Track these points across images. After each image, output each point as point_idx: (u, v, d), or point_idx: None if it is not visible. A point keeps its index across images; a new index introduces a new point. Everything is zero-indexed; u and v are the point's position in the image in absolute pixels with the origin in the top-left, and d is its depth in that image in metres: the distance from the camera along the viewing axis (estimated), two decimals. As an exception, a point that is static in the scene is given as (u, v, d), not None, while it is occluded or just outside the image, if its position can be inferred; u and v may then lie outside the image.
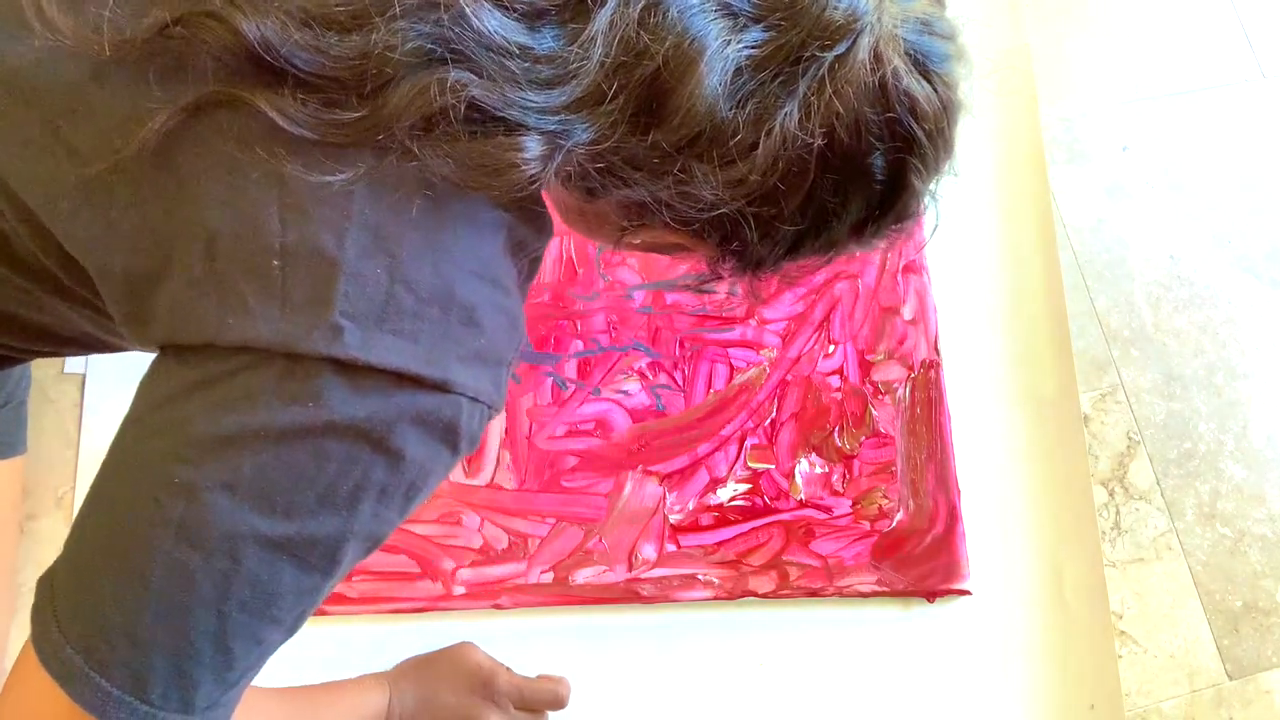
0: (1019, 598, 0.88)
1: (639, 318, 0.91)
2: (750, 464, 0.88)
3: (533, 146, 0.46)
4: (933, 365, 0.92)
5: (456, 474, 0.85)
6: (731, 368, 0.91)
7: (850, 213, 0.52)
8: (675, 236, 0.53)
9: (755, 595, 0.85)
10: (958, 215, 0.98)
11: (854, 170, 0.50)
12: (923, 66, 0.50)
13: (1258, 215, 1.05)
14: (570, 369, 0.89)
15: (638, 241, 0.56)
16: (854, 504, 0.88)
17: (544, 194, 0.56)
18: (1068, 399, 0.93)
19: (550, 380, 0.89)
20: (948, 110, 0.52)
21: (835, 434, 0.90)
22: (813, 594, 0.85)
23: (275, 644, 0.49)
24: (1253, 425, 0.98)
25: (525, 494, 0.86)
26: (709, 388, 0.90)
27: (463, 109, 0.45)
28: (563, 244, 0.92)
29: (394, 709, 0.73)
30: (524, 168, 0.46)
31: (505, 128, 0.46)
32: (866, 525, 0.87)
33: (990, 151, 1.00)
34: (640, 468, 0.87)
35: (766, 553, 0.86)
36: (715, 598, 0.85)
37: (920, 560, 0.87)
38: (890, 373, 0.92)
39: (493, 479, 0.86)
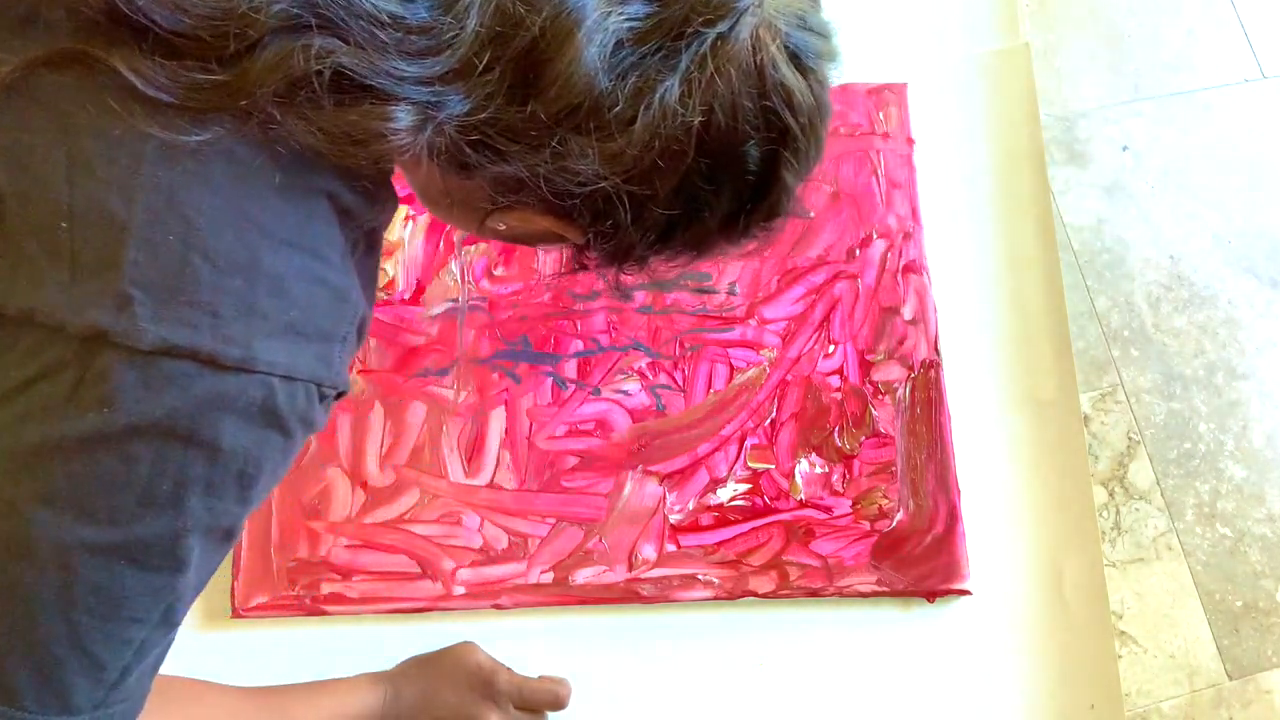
0: (1019, 598, 0.88)
1: (639, 318, 0.91)
2: (750, 464, 0.88)
3: (403, 117, 0.45)
4: (933, 365, 0.92)
5: (456, 474, 0.85)
6: (731, 368, 0.91)
7: (722, 203, 0.52)
8: (544, 219, 0.52)
9: (755, 595, 0.85)
10: (958, 215, 0.98)
11: (729, 157, 0.49)
12: (799, 60, 0.50)
13: (1258, 215, 1.05)
14: (570, 369, 0.89)
15: (503, 227, 0.54)
16: (854, 504, 0.88)
17: (404, 173, 0.55)
18: (1068, 399, 0.93)
19: (550, 380, 0.89)
20: (820, 109, 0.52)
21: (835, 434, 0.90)
22: (813, 594, 0.85)
23: (156, 639, 0.48)
24: (1253, 425, 0.98)
25: (525, 494, 0.86)
26: (709, 388, 0.90)
27: (327, 76, 0.43)
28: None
29: (390, 708, 0.73)
30: (392, 138, 0.45)
31: (373, 97, 0.45)
32: (866, 525, 0.87)
33: (990, 151, 1.00)
34: (640, 468, 0.87)
35: (766, 553, 0.86)
36: (715, 598, 0.85)
37: (920, 560, 0.87)
38: (890, 373, 0.92)
39: (493, 479, 0.86)
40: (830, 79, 0.53)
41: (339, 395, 0.52)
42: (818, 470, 0.89)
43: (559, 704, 0.78)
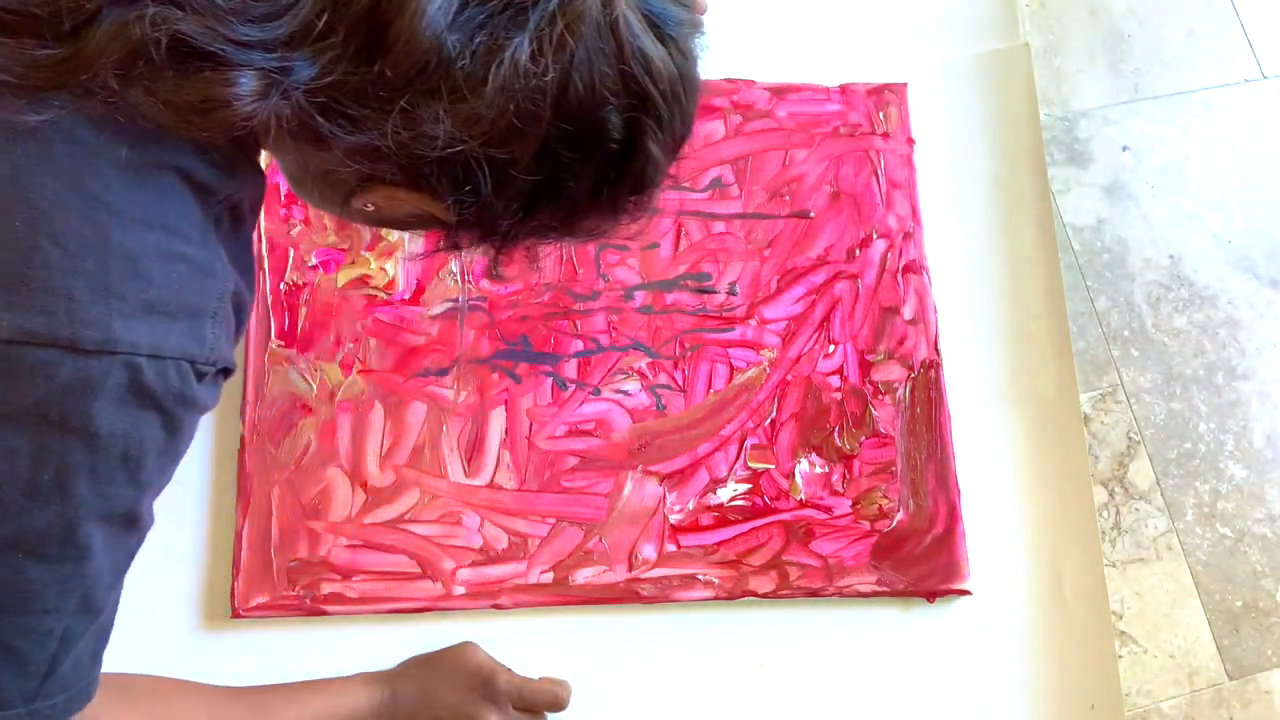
0: (1019, 598, 0.88)
1: (639, 318, 0.91)
2: (750, 464, 0.88)
3: (246, 83, 0.44)
4: (933, 365, 0.92)
5: (456, 474, 0.85)
6: (731, 368, 0.91)
7: (586, 172, 0.51)
8: (408, 196, 0.51)
9: (755, 595, 0.85)
10: (958, 215, 0.98)
11: (588, 122, 0.49)
12: (658, 28, 0.50)
13: (1258, 215, 1.05)
14: (570, 369, 0.89)
15: (369, 208, 0.54)
16: (854, 504, 0.88)
17: (273, 157, 0.54)
18: (1068, 399, 0.93)
19: (550, 380, 0.89)
20: (685, 79, 0.52)
21: (835, 434, 0.90)
22: (813, 594, 0.85)
23: (80, 628, 0.48)
24: (1253, 425, 0.98)
25: (525, 494, 0.86)
26: (709, 388, 0.90)
27: (165, 43, 0.43)
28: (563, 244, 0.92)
29: (387, 708, 0.73)
30: (236, 105, 0.44)
31: (216, 64, 0.44)
32: (866, 525, 0.87)
33: (990, 151, 1.00)
34: (640, 468, 0.87)
35: (766, 553, 0.86)
36: (715, 598, 0.85)
37: (920, 560, 0.87)
38: (890, 373, 0.92)
39: (493, 479, 0.86)
40: (697, 54, 0.53)
41: (225, 373, 0.51)
42: (818, 470, 0.89)
43: (559, 705, 0.78)
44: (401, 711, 0.74)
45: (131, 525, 0.49)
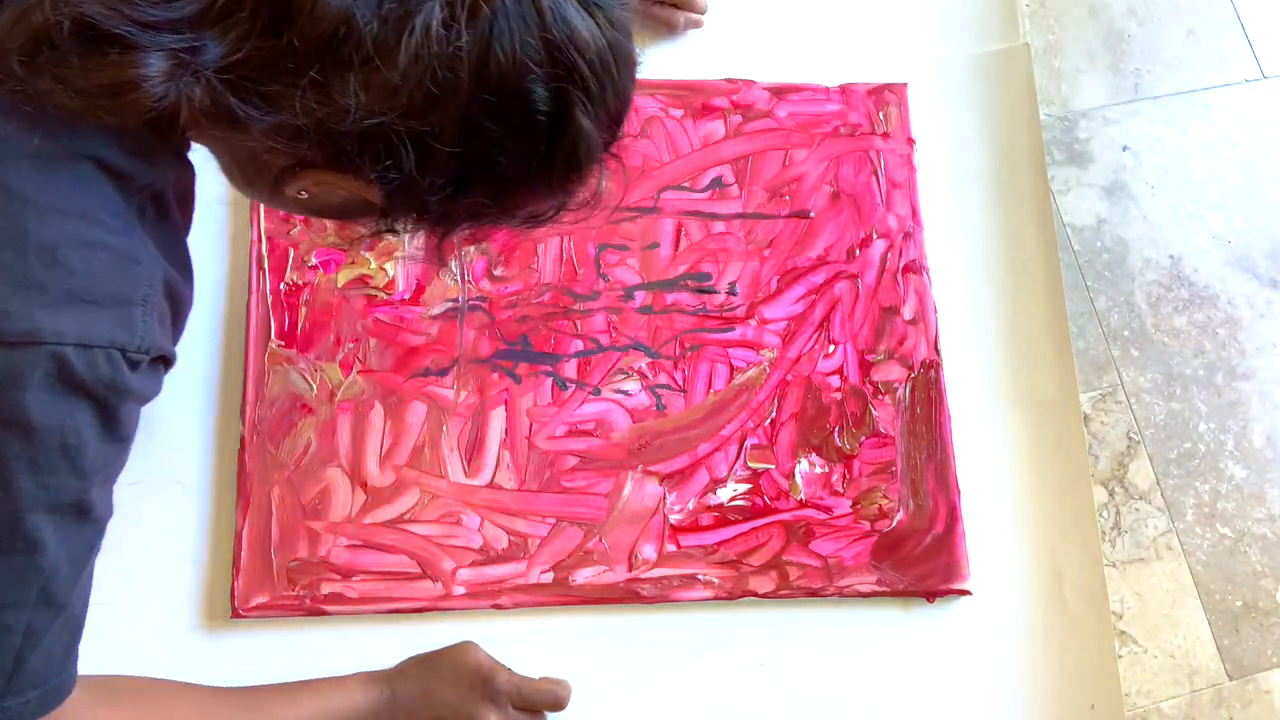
0: (1019, 598, 0.88)
1: (639, 318, 0.91)
2: (750, 464, 0.88)
3: (154, 64, 0.43)
4: (933, 365, 0.92)
5: (456, 474, 0.85)
6: (731, 368, 0.91)
7: (515, 146, 0.50)
8: (335, 178, 0.51)
9: (755, 595, 0.85)
10: (958, 215, 0.98)
11: (512, 93, 0.48)
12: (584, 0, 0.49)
13: (1258, 215, 1.05)
14: (570, 369, 0.89)
15: (302, 195, 0.53)
16: (854, 504, 0.88)
17: (208, 148, 0.54)
18: (1068, 399, 0.93)
19: (550, 380, 0.89)
20: (615, 50, 0.51)
21: (835, 434, 0.90)
22: (813, 594, 0.85)
23: (43, 622, 0.48)
24: (1253, 425, 0.98)
25: (525, 494, 0.86)
26: (709, 388, 0.90)
27: (69, 27, 0.42)
28: (562, 244, 0.92)
29: (386, 707, 0.73)
30: (146, 87, 0.43)
31: (122, 47, 0.43)
32: (866, 525, 0.87)
33: (990, 151, 1.00)
34: (640, 468, 0.87)
35: (766, 553, 0.86)
36: (715, 598, 0.85)
37: (920, 560, 0.87)
38: (890, 373, 0.92)
39: (493, 479, 0.86)
40: (629, 26, 0.52)
41: (165, 363, 0.51)
42: (818, 470, 0.89)
43: (559, 705, 0.78)
44: (401, 711, 0.74)
45: (83, 516, 0.49)
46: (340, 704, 0.72)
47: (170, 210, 0.53)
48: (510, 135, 0.49)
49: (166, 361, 0.52)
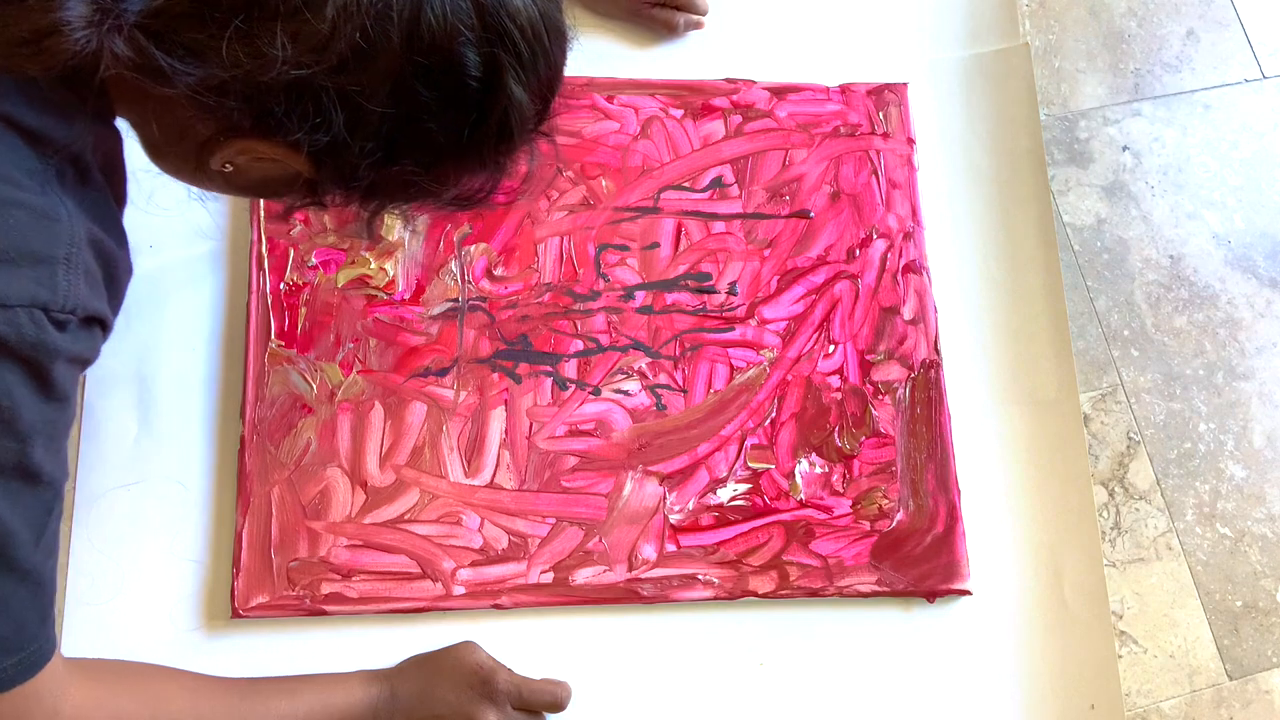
0: (1019, 598, 0.88)
1: (639, 318, 0.91)
2: (750, 464, 0.88)
3: (74, 8, 0.43)
4: (933, 365, 0.92)
5: (457, 474, 0.85)
6: (731, 368, 0.91)
7: (446, 113, 0.49)
8: (263, 146, 0.50)
9: (755, 595, 0.85)
10: (958, 215, 0.98)
11: (444, 56, 0.47)
12: None
13: (1258, 215, 1.05)
14: (570, 369, 0.89)
15: (228, 169, 0.52)
16: (854, 504, 0.88)
17: (129, 122, 0.53)
18: (1068, 399, 0.93)
19: (550, 380, 0.89)
20: (547, 20, 0.51)
21: (835, 434, 0.90)
22: (813, 594, 0.85)
23: (7, 590, 0.48)
24: (1253, 425, 0.98)
25: (525, 494, 0.86)
26: (709, 388, 0.90)
27: None
28: (563, 244, 0.92)
29: (385, 706, 0.73)
30: (66, 32, 0.43)
31: None
32: (867, 525, 0.87)
33: (990, 151, 1.00)
34: (640, 468, 0.87)
35: (766, 553, 0.86)
36: (715, 598, 0.85)
37: (920, 560, 0.87)
38: (890, 373, 0.92)
39: (493, 479, 0.86)
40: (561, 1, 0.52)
41: (99, 324, 0.50)
42: (818, 470, 0.89)
43: (558, 706, 0.78)
44: (400, 709, 0.74)
45: (30, 479, 0.48)
46: (340, 700, 0.71)
47: (91, 174, 0.52)
48: (441, 100, 0.49)
49: (103, 324, 0.51)
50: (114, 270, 0.53)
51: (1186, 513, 0.95)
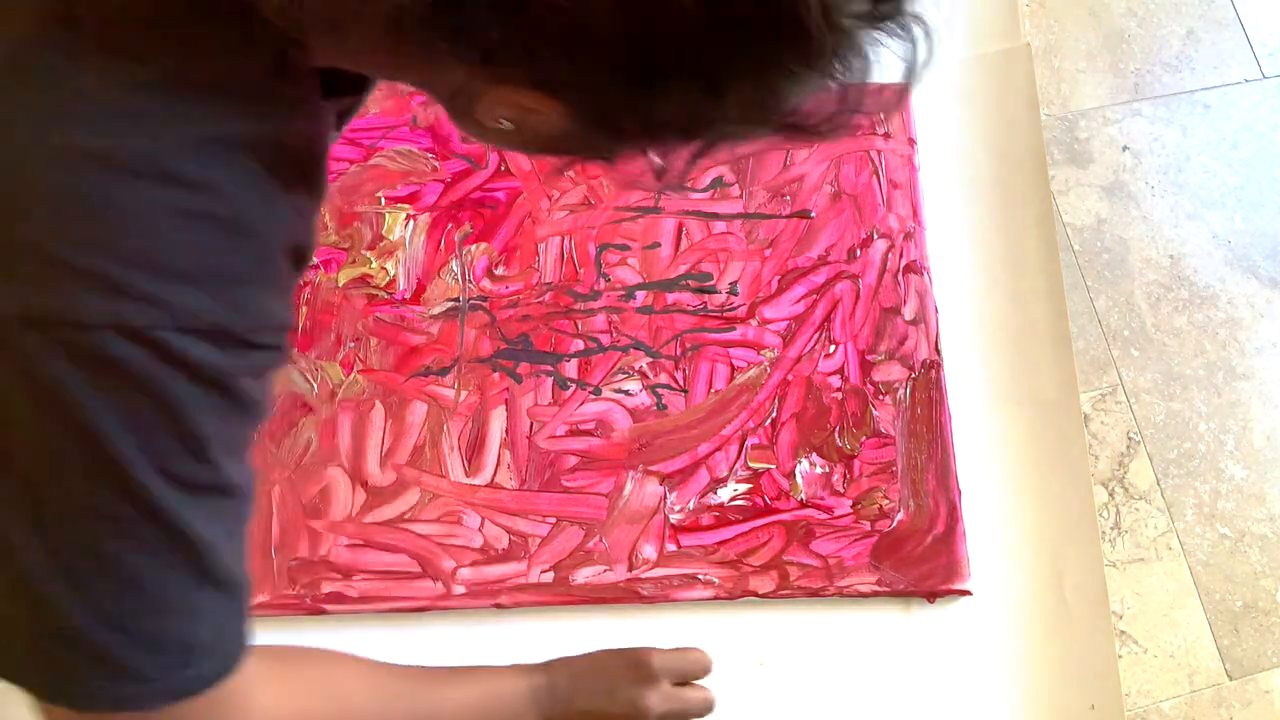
0: (1019, 598, 0.88)
1: (640, 317, 0.91)
2: (750, 464, 0.88)
3: None
4: (933, 365, 0.92)
5: (457, 473, 0.85)
6: (732, 368, 0.91)
7: (713, 12, 0.37)
8: (531, 99, 0.43)
9: (755, 595, 0.85)
10: (959, 215, 0.98)
11: None
12: None
13: (1258, 215, 1.05)
14: (571, 369, 0.89)
15: (504, 125, 0.45)
16: (854, 504, 0.88)
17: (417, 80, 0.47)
18: (1068, 399, 0.93)
19: (551, 380, 0.89)
20: None
21: (836, 434, 0.90)
22: (813, 594, 0.85)
23: (205, 599, 0.47)
24: (1253, 425, 0.98)
25: (525, 494, 0.86)
26: (709, 388, 0.90)
27: None
28: (563, 244, 0.92)
29: (543, 694, 0.70)
30: None
31: None
32: (867, 525, 0.87)
33: (990, 151, 1.00)
34: (640, 467, 0.87)
35: (767, 553, 0.86)
36: (715, 598, 0.85)
37: (921, 560, 0.87)
38: (891, 373, 0.92)
39: (493, 479, 0.86)
40: None
41: (283, 330, 0.46)
42: (818, 470, 0.89)
43: (708, 670, 0.75)
44: (559, 698, 0.71)
45: (223, 493, 0.46)
46: (504, 689, 0.69)
47: (293, 169, 0.46)
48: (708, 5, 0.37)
49: (286, 328, 0.47)
50: (302, 270, 0.49)
51: (1186, 513, 0.95)
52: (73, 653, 0.44)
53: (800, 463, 0.89)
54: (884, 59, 0.46)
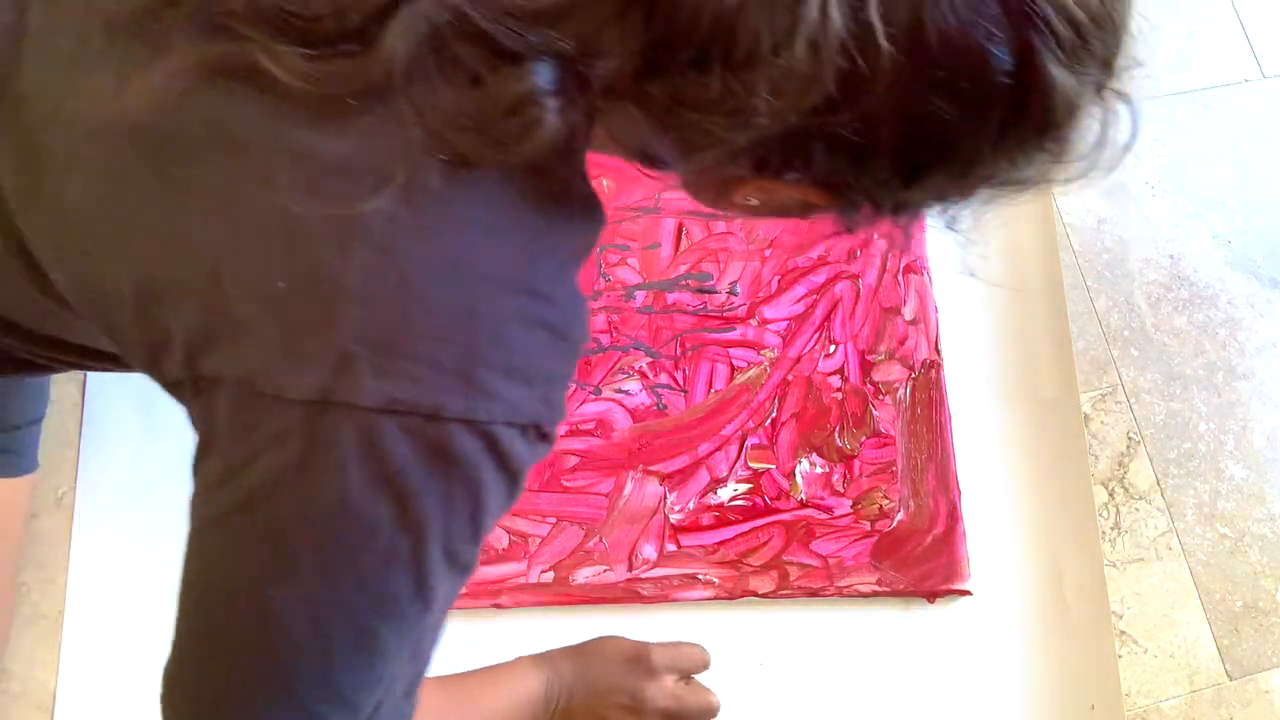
0: (1019, 598, 0.88)
1: (639, 318, 0.91)
2: (751, 464, 0.88)
3: (544, 73, 0.39)
4: (933, 365, 0.92)
5: (457, 474, 0.85)
6: (732, 368, 0.91)
7: (971, 121, 0.41)
8: (769, 185, 0.46)
9: (755, 595, 0.85)
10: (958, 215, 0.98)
11: (959, 59, 0.39)
12: None
13: (1258, 215, 1.05)
14: (570, 369, 0.89)
15: (753, 202, 0.48)
16: (854, 504, 0.88)
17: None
18: (1068, 399, 0.93)
19: (550, 380, 0.88)
20: None
21: (836, 434, 0.90)
22: (813, 594, 0.85)
23: (406, 672, 0.48)
24: (1253, 425, 0.98)
25: (526, 493, 0.85)
26: (709, 388, 0.90)
27: (457, 31, 0.38)
28: (563, 243, 0.92)
29: (553, 687, 0.71)
30: (538, 111, 0.39)
31: (502, 54, 0.38)
32: (867, 525, 0.87)
33: (991, 151, 1.00)
34: (641, 467, 0.87)
35: (767, 553, 0.86)
36: (715, 598, 0.85)
37: (920, 560, 0.87)
38: (891, 373, 0.92)
39: (493, 479, 0.86)
40: None
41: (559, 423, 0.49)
42: (818, 470, 0.89)
43: (706, 664, 0.76)
44: (565, 687, 0.71)
45: (465, 574, 0.47)
46: (526, 686, 0.70)
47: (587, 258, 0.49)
48: (964, 109, 0.40)
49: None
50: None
51: (1186, 513, 0.95)
52: (287, 706, 0.44)
53: (800, 463, 0.89)
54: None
